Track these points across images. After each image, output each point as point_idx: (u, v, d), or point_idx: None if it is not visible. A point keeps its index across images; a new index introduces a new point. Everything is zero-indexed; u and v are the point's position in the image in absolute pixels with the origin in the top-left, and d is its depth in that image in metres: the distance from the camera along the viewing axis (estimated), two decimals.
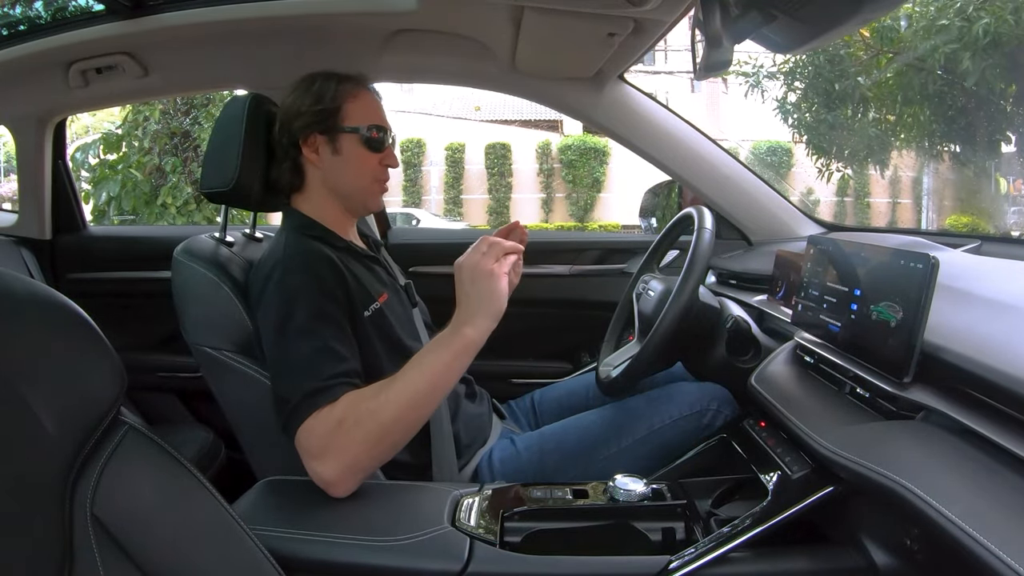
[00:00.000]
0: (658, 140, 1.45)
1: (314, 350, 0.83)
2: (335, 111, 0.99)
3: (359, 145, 1.00)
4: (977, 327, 0.66)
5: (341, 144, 1.00)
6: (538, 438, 1.04)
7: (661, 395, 1.06)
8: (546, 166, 12.61)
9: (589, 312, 1.56)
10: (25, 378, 0.45)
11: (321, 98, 0.99)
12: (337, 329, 0.87)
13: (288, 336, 0.85)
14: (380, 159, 1.02)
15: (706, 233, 0.99)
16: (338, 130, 0.99)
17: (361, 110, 1.01)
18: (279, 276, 0.89)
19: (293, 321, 0.86)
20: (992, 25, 5.09)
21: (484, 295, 0.80)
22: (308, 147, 1.00)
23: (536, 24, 1.12)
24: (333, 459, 0.78)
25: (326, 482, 0.78)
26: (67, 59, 1.38)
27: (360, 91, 1.02)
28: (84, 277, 1.67)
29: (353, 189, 1.02)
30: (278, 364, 0.86)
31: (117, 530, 0.47)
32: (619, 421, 1.02)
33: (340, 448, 0.78)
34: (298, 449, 0.80)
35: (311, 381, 0.81)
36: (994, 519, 0.49)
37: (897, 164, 8.45)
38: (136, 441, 0.50)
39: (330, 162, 1.00)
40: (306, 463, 0.79)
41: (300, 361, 0.83)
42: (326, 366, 0.83)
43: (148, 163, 5.59)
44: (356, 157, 1.00)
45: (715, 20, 0.71)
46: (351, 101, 1.00)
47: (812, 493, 0.69)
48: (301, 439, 0.80)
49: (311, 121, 0.99)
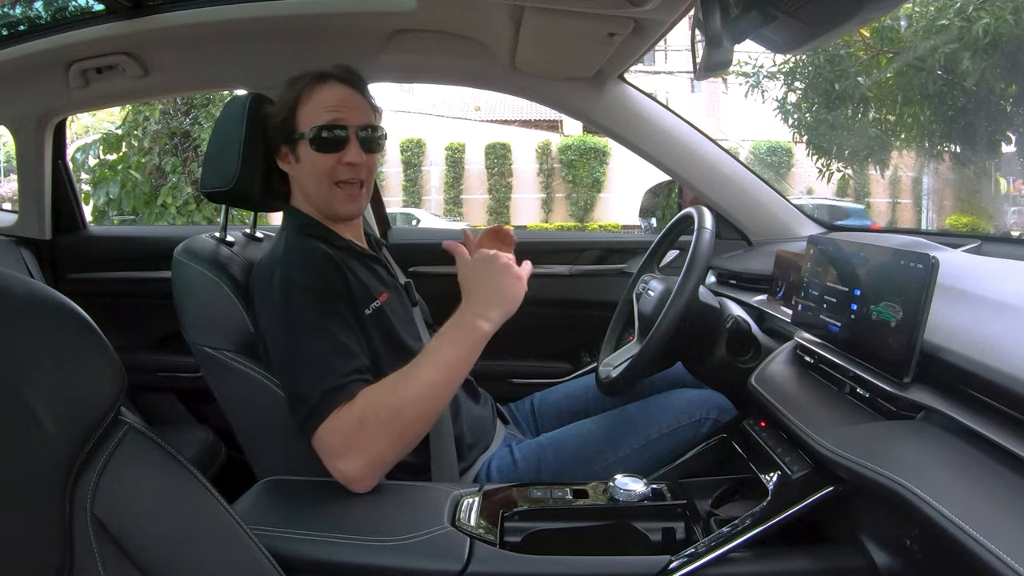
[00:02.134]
0: (658, 140, 1.45)
1: (326, 347, 0.84)
2: (289, 119, 0.98)
3: (310, 150, 0.97)
4: (977, 327, 0.66)
5: (300, 151, 0.98)
6: (536, 448, 1.03)
7: (659, 403, 1.06)
8: (546, 166, 12.62)
9: (589, 312, 1.56)
10: (25, 378, 0.45)
11: (280, 107, 0.99)
12: (345, 325, 0.87)
13: (297, 334, 0.85)
14: (337, 159, 0.96)
15: (706, 233, 0.99)
16: (294, 138, 0.98)
17: (311, 111, 0.97)
18: (282, 275, 0.89)
19: (301, 319, 0.85)
20: (992, 25, 5.09)
21: (503, 289, 0.82)
22: (281, 159, 1.01)
23: (536, 24, 1.12)
24: (357, 456, 0.79)
25: (350, 479, 0.79)
26: (67, 59, 1.38)
27: (313, 89, 0.98)
28: (84, 277, 1.67)
29: (316, 195, 1.00)
30: (290, 363, 0.85)
31: (117, 530, 0.47)
32: (616, 430, 1.02)
33: (363, 445, 0.79)
34: (317, 448, 0.81)
35: (327, 379, 0.81)
36: (994, 519, 0.49)
37: (897, 164, 8.46)
38: (136, 441, 0.50)
39: (296, 171, 1.00)
40: (328, 461, 0.80)
41: (313, 359, 0.83)
42: (340, 363, 0.83)
43: (148, 163, 5.59)
44: (310, 162, 0.97)
45: (715, 20, 0.71)
46: (302, 104, 0.97)
47: (812, 493, 0.69)
48: (322, 438, 0.80)
49: (275, 133, 0.99)
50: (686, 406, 1.03)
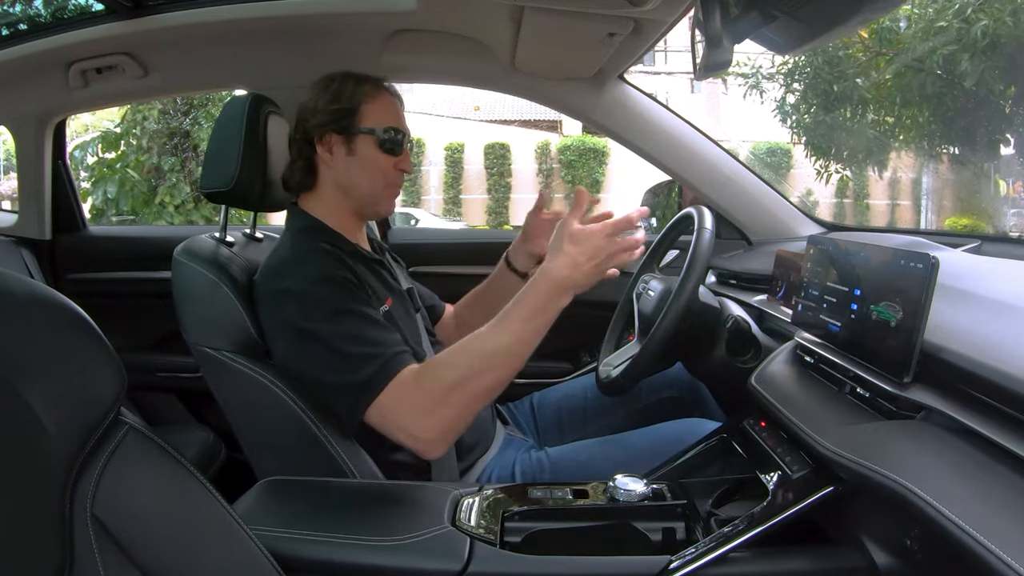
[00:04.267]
0: (658, 140, 1.45)
1: (365, 324, 0.87)
2: (352, 111, 0.98)
3: (374, 147, 0.99)
4: (977, 327, 0.66)
5: (356, 145, 0.99)
6: (536, 464, 1.02)
7: (667, 435, 1.04)
8: (545, 166, 12.60)
9: (589, 312, 1.56)
10: (25, 378, 0.44)
11: (339, 97, 0.98)
12: (369, 307, 0.89)
13: (330, 322, 0.86)
14: (395, 163, 1.01)
15: (706, 233, 0.99)
16: (354, 131, 0.98)
17: (379, 112, 1.00)
18: (297, 273, 0.90)
19: (327, 309, 0.87)
20: (991, 27, 5.09)
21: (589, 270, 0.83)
22: (323, 146, 0.99)
23: (536, 24, 1.12)
24: (434, 418, 0.82)
25: (427, 441, 0.83)
26: (67, 59, 1.38)
27: (379, 93, 1.01)
28: (84, 277, 1.67)
29: (365, 191, 1.01)
30: (329, 348, 0.85)
31: (117, 530, 0.47)
32: (618, 458, 1.00)
33: (439, 406, 0.82)
34: (383, 417, 0.83)
35: (384, 348, 0.85)
36: (994, 519, 0.49)
37: (896, 165, 8.45)
38: (136, 441, 0.50)
39: (344, 163, 0.99)
40: (399, 423, 0.83)
41: (355, 337, 0.86)
42: (387, 335, 0.87)
43: (146, 162, 5.59)
44: (370, 159, 0.99)
45: (715, 20, 0.71)
46: (369, 102, 0.99)
47: (812, 493, 0.69)
48: (391, 401, 0.83)
49: (327, 120, 0.98)
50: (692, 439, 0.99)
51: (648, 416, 1.15)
